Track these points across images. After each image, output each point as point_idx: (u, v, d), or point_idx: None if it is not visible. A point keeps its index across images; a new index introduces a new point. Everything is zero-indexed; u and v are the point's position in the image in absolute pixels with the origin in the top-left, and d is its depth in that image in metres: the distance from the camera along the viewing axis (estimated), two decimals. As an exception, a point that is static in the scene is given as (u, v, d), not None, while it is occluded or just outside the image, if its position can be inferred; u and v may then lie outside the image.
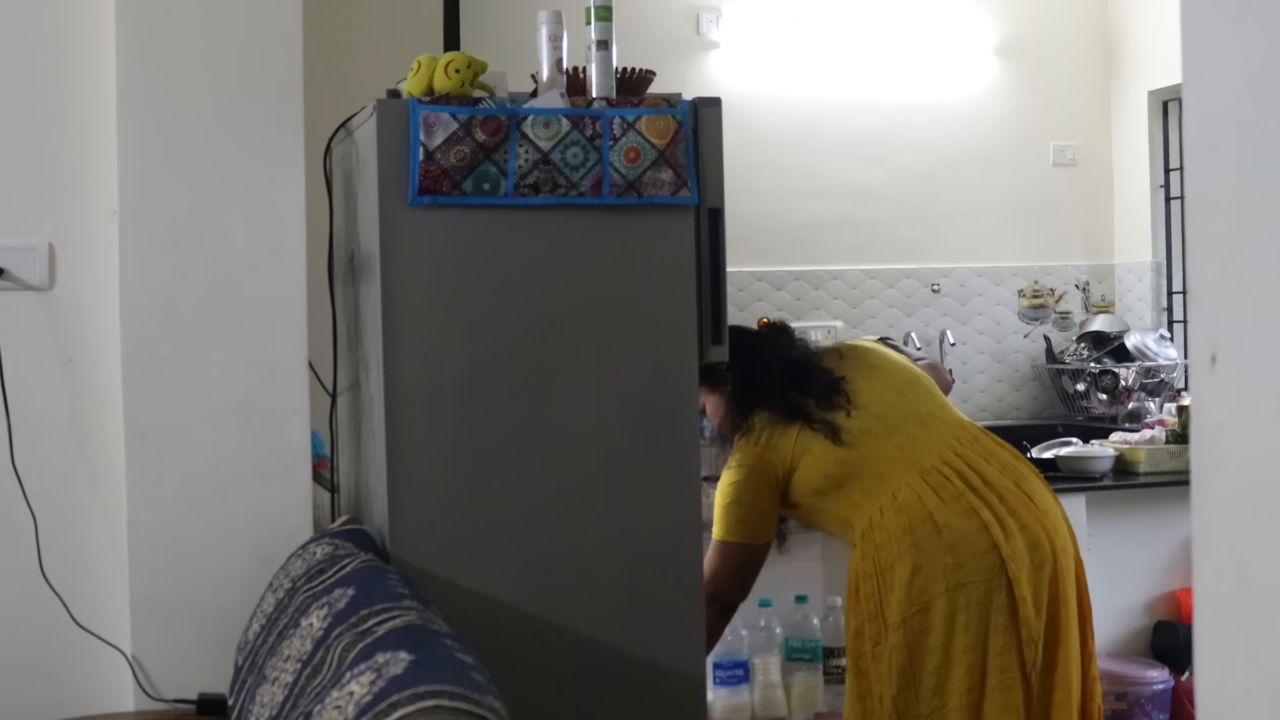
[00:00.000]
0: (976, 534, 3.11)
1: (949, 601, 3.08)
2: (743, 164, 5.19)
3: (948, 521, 3.11)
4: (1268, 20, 0.89)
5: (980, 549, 3.10)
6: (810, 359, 3.41)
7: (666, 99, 2.95)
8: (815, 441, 3.26)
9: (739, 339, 3.27)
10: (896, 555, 3.12)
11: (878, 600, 3.15)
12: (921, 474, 3.19)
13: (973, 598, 3.08)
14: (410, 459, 2.86)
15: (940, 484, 3.17)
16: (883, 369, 3.40)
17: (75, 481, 3.13)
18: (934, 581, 3.09)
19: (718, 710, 3.80)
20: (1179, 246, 5.81)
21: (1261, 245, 0.90)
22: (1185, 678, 4.40)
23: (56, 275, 3.13)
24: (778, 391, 3.32)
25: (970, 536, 3.10)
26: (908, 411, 3.31)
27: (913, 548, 3.11)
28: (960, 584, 3.08)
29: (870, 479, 3.23)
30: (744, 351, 3.29)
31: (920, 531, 3.12)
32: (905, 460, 3.22)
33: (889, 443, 3.25)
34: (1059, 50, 5.92)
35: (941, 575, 3.09)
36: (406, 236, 2.84)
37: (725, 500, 3.32)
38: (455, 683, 1.86)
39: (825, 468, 3.26)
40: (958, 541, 3.10)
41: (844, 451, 3.25)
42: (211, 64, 3.08)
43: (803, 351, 3.44)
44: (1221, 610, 0.95)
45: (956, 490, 3.16)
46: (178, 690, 3.06)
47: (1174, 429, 4.72)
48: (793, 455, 3.28)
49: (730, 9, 5.52)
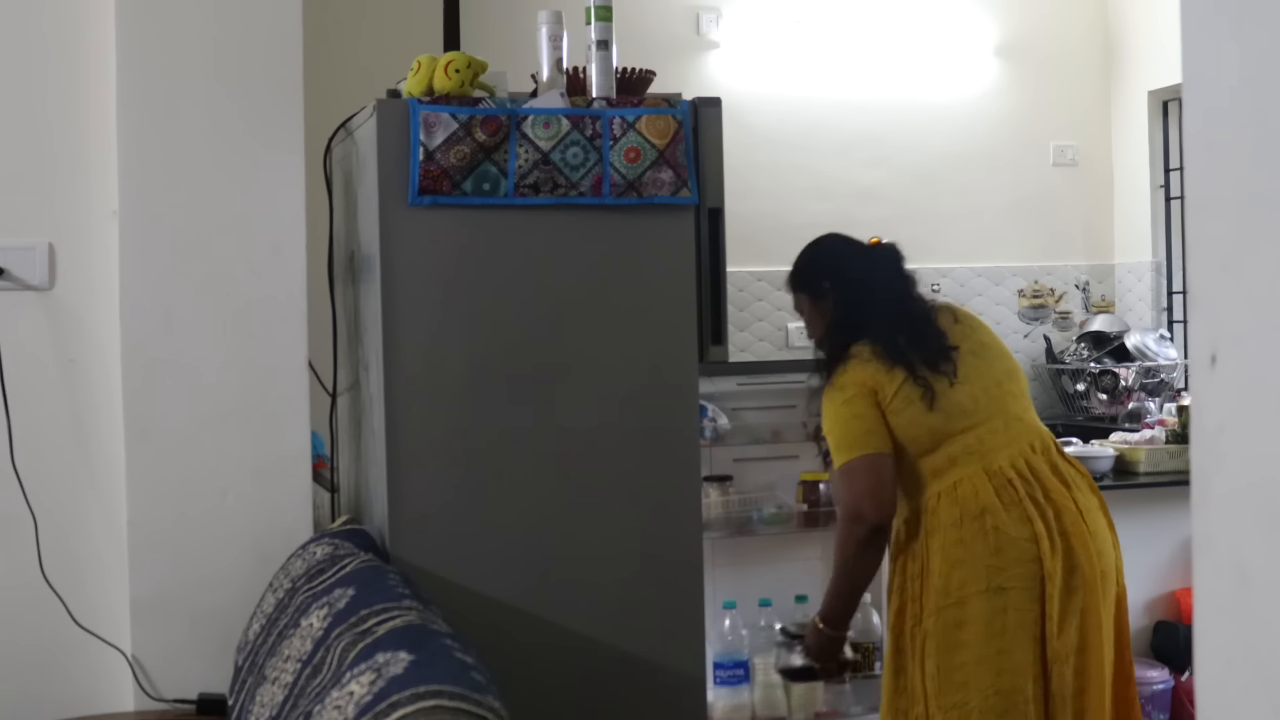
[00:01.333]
0: (1026, 542, 3.06)
1: (987, 603, 3.04)
2: (743, 164, 5.19)
3: (999, 524, 3.07)
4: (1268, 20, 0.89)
5: (1026, 557, 3.06)
6: (928, 314, 3.26)
7: (666, 99, 2.95)
8: (913, 400, 3.15)
9: (846, 251, 3.25)
10: (941, 545, 3.09)
11: (920, 583, 3.13)
12: (988, 472, 3.13)
13: (1011, 603, 3.04)
14: (410, 459, 2.86)
15: (1002, 486, 3.12)
16: (991, 350, 3.29)
17: (75, 481, 3.13)
18: (974, 579, 3.05)
19: (718, 710, 3.80)
20: (1179, 246, 5.81)
21: (1261, 245, 0.90)
22: (1185, 678, 4.40)
23: (56, 275, 3.13)
24: (885, 334, 3.19)
25: (1019, 543, 3.06)
26: (999, 405, 3.23)
27: (959, 542, 3.08)
28: (1001, 588, 3.04)
29: (942, 460, 3.16)
30: (851, 270, 3.26)
31: (969, 528, 3.08)
32: (979, 453, 3.16)
33: (973, 431, 3.18)
34: (1059, 50, 5.92)
35: (984, 574, 3.05)
36: (406, 236, 2.85)
37: (843, 418, 3.14)
38: (455, 683, 1.86)
39: (913, 430, 3.14)
40: (1005, 545, 3.06)
41: (935, 421, 3.15)
42: (211, 64, 3.08)
43: (919, 302, 3.31)
44: (1221, 610, 0.95)
45: (1017, 496, 3.10)
46: (178, 690, 3.06)
47: (1174, 429, 4.72)
48: (891, 400, 3.15)
49: (730, 9, 5.52)
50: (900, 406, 3.14)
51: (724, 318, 3.05)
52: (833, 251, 3.35)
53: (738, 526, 3.90)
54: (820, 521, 3.94)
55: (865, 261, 3.32)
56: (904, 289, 3.30)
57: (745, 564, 3.97)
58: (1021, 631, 3.04)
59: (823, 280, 3.27)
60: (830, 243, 3.39)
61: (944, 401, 3.15)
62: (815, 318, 3.32)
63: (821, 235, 3.45)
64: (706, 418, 3.75)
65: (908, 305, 3.27)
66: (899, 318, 3.22)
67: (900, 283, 3.31)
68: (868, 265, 3.31)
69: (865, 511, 3.08)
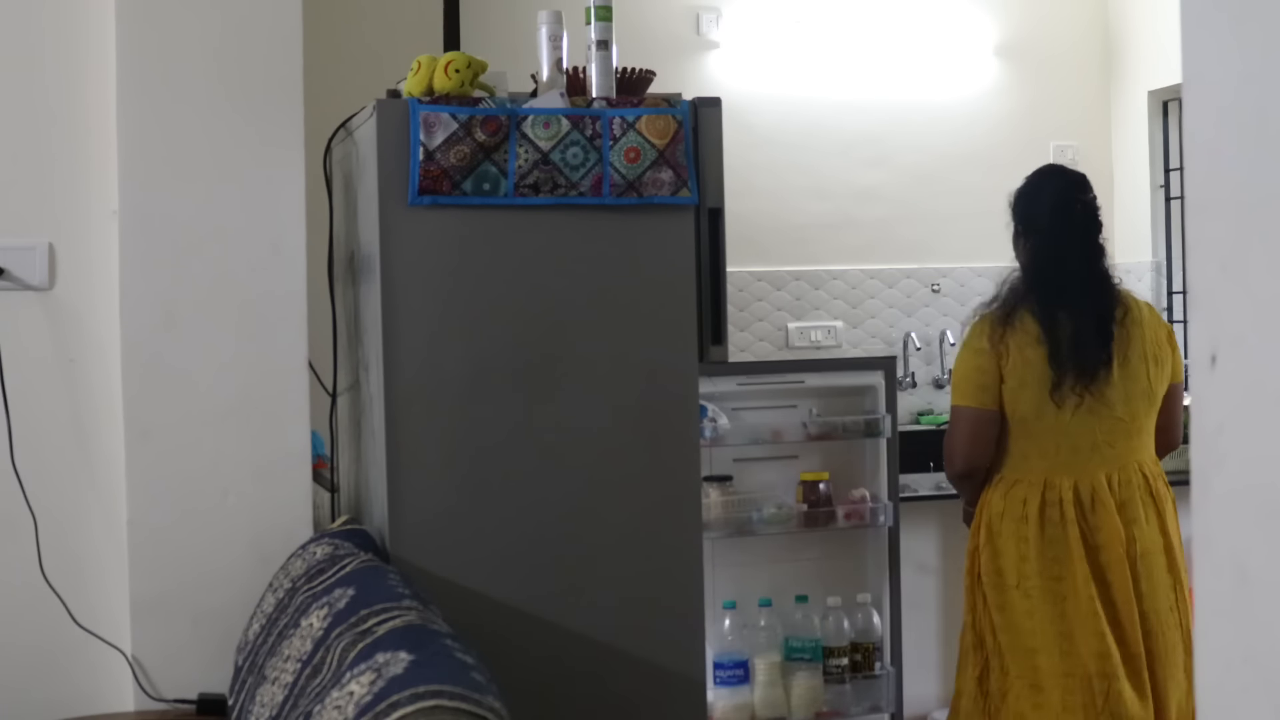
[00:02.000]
0: (1050, 561, 3.26)
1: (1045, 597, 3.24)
2: (743, 164, 5.19)
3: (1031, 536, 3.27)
4: (1268, 20, 0.89)
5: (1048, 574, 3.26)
6: (1106, 312, 3.36)
7: (666, 99, 2.95)
8: (1039, 389, 3.31)
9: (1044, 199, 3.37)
10: (1012, 540, 3.29)
11: (995, 566, 3.32)
12: (1077, 483, 3.30)
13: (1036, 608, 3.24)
14: (410, 459, 2.86)
15: (1089, 500, 3.29)
16: (1131, 367, 3.37)
17: (75, 481, 3.13)
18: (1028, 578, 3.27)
19: (718, 710, 3.80)
20: (1179, 246, 5.81)
21: (1261, 245, 0.90)
22: (1185, 678, 4.40)
23: (56, 275, 3.13)
24: (1052, 317, 3.32)
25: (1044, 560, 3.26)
26: (1125, 425, 3.37)
27: (1023, 538, 3.28)
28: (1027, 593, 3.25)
29: (1044, 457, 3.32)
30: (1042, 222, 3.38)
31: (1033, 525, 3.26)
32: (1082, 465, 3.31)
33: (1089, 439, 3.32)
34: (1059, 50, 5.92)
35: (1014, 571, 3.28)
36: (406, 236, 2.84)
37: (970, 365, 3.39)
38: (455, 683, 1.86)
39: (1015, 406, 3.33)
40: (1031, 555, 3.27)
41: (1055, 419, 3.32)
42: (211, 64, 3.08)
43: (1105, 284, 3.41)
44: (1221, 610, 0.95)
45: (1059, 517, 3.28)
46: (178, 690, 3.06)
47: (1174, 429, 4.70)
48: (1021, 371, 3.32)
49: (730, 9, 5.52)
50: (1022, 382, 3.32)
51: (724, 318, 3.05)
52: (1034, 195, 3.45)
53: (738, 526, 3.89)
54: (820, 521, 3.94)
55: (1062, 219, 3.39)
56: (1094, 267, 3.39)
57: (745, 564, 3.97)
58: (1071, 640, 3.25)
59: (1016, 222, 3.45)
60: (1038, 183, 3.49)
61: (1061, 416, 3.31)
62: (1015, 244, 3.48)
63: (1045, 168, 3.59)
64: (706, 418, 3.75)
65: (1092, 291, 3.36)
66: (1079, 306, 3.33)
67: (1094, 262, 3.40)
68: (1064, 224, 3.39)
69: (955, 458, 3.42)
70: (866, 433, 3.99)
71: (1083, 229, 3.41)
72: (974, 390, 3.37)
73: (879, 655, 3.97)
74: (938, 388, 5.86)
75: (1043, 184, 3.49)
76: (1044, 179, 3.52)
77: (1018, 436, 3.36)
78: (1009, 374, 3.33)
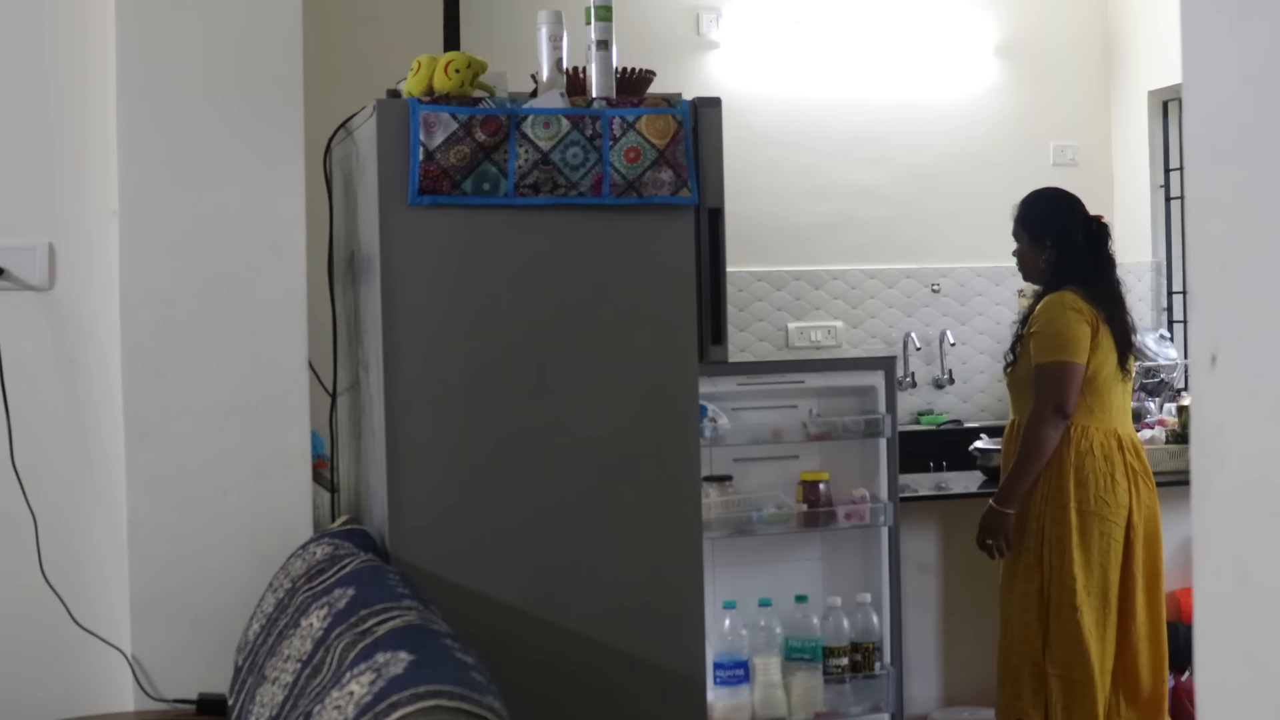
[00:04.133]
0: (1120, 507, 3.92)
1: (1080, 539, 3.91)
2: (743, 164, 5.19)
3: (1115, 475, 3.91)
4: (1268, 20, 0.89)
5: (1120, 519, 3.93)
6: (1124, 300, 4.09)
7: (666, 99, 2.95)
8: (1109, 348, 3.94)
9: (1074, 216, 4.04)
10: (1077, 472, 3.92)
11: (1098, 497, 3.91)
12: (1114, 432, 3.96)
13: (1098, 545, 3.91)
14: (410, 459, 2.86)
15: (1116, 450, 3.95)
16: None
17: (75, 481, 3.13)
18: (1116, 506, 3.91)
19: (718, 710, 3.79)
20: (1179, 246, 5.81)
21: (1261, 245, 0.90)
22: (1185, 678, 4.40)
23: (56, 275, 3.13)
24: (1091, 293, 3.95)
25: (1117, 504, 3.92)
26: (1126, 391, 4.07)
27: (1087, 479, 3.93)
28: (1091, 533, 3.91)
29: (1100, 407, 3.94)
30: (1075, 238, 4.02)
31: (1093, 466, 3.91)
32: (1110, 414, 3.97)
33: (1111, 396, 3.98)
34: (1059, 50, 5.92)
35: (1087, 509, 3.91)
36: (406, 236, 2.84)
37: (1073, 324, 3.90)
38: (455, 683, 1.86)
39: (1108, 374, 3.94)
40: (1109, 498, 3.91)
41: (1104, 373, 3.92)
42: (211, 64, 3.08)
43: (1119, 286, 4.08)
44: (1221, 610, 0.95)
45: (1124, 462, 3.95)
46: (178, 690, 3.06)
47: (1174, 429, 4.72)
48: (1104, 345, 3.93)
49: (730, 9, 5.52)
50: (1106, 350, 3.93)
51: (724, 318, 3.05)
52: (1064, 216, 4.07)
53: (738, 526, 3.88)
54: (820, 521, 3.93)
55: (1088, 232, 4.05)
56: (1111, 270, 4.05)
57: (745, 564, 3.97)
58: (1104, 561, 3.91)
59: (1046, 238, 4.03)
60: (1063, 205, 4.10)
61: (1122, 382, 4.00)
62: (1027, 257, 4.08)
63: (1053, 190, 4.21)
64: (706, 418, 3.75)
65: (1114, 286, 4.03)
66: (1103, 291, 3.97)
67: (1107, 265, 4.05)
68: (1088, 236, 4.05)
69: (1067, 406, 3.87)
70: (866, 433, 3.98)
71: (1103, 238, 4.10)
72: (1080, 350, 3.89)
73: (879, 655, 3.96)
74: (937, 387, 5.86)
75: (1061, 203, 4.12)
76: (1060, 201, 4.14)
77: (1101, 393, 3.94)
78: (1100, 342, 3.91)
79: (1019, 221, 4.12)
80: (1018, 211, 4.14)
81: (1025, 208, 4.14)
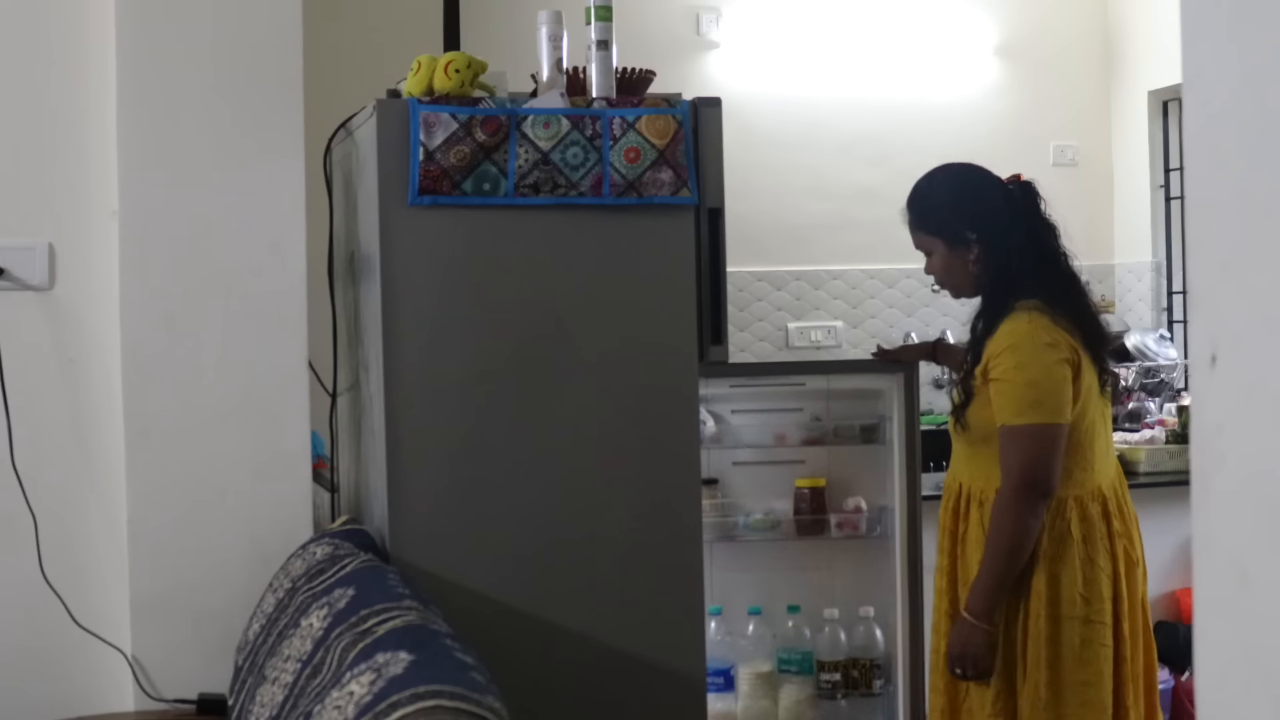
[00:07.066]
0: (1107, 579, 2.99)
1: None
2: (743, 164, 5.18)
3: (1093, 555, 2.99)
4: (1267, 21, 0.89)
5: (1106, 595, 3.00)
6: (1079, 281, 3.09)
7: (666, 99, 2.95)
8: (1093, 386, 2.99)
9: (990, 195, 3.05)
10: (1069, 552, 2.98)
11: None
12: (1094, 494, 3.04)
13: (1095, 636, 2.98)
14: (410, 459, 2.86)
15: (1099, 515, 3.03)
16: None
17: (75, 481, 3.13)
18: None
19: (707, 719, 3.65)
20: (1179, 246, 5.81)
21: (1261, 245, 0.90)
22: (1185, 678, 4.40)
23: (56, 275, 3.13)
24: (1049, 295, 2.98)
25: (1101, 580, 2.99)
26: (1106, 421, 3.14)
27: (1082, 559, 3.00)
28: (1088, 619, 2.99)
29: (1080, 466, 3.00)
30: (999, 220, 3.04)
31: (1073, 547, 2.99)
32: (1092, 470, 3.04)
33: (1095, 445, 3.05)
34: (1059, 50, 5.91)
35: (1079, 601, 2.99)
36: (406, 236, 2.85)
37: (1056, 377, 2.93)
38: (455, 683, 1.86)
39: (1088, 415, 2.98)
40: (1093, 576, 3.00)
41: (1092, 423, 3.00)
42: (211, 64, 3.08)
43: (1068, 260, 3.09)
44: (1221, 610, 0.95)
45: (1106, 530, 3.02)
46: (178, 690, 3.06)
47: (1174, 429, 4.72)
48: (1089, 385, 2.99)
49: (730, 9, 5.52)
50: (1081, 386, 2.97)
51: (724, 318, 3.04)
52: (975, 194, 3.09)
53: (723, 532, 3.72)
54: (810, 529, 3.77)
55: (1009, 206, 3.07)
56: (1052, 242, 3.08)
57: (731, 570, 3.81)
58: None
59: (966, 230, 3.03)
60: (968, 181, 3.14)
61: (1103, 404, 3.07)
62: (953, 265, 3.09)
63: (950, 165, 3.20)
64: (705, 419, 3.71)
65: (1061, 264, 3.07)
66: (1061, 283, 3.03)
67: (1048, 235, 3.08)
68: (1012, 212, 3.06)
69: (1050, 481, 2.91)
70: (870, 438, 3.80)
71: (1029, 202, 3.10)
72: (1063, 404, 2.92)
73: (880, 673, 3.69)
74: (937, 388, 5.85)
75: (966, 182, 3.16)
76: (964, 177, 3.18)
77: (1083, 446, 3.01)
78: (1082, 382, 2.97)
79: (919, 224, 3.14)
80: (911, 212, 3.16)
81: (920, 202, 3.14)
